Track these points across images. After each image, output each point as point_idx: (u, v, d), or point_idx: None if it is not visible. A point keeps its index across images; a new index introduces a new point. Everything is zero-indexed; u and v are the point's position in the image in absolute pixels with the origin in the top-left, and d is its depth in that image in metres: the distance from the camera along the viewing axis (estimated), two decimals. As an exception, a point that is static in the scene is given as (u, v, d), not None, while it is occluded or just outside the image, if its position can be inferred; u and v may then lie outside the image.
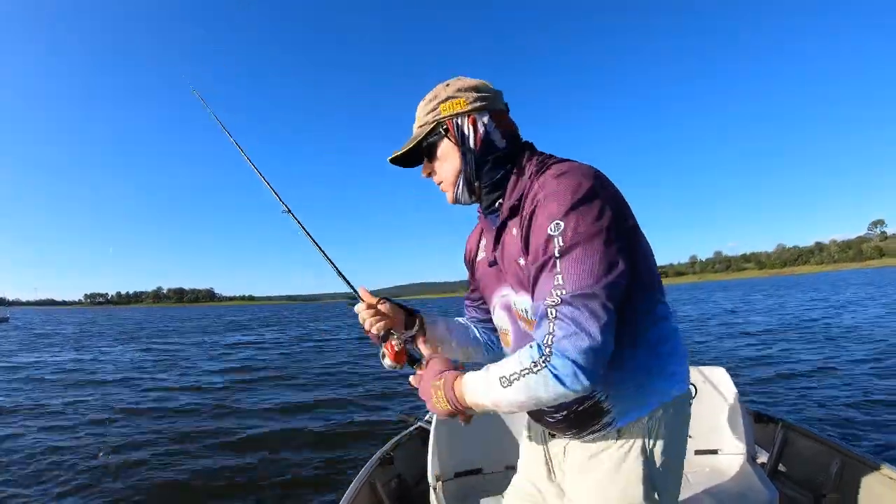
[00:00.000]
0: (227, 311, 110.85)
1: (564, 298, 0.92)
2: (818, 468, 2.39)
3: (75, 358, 15.42)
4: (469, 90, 1.15)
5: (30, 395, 9.06)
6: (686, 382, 1.16)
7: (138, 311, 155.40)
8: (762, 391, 6.72)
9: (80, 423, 6.87)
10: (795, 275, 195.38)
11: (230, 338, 22.94)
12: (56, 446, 5.80)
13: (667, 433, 1.10)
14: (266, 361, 13.76)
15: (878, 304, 21.19)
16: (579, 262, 0.93)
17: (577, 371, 0.90)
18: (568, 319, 0.91)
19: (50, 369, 12.70)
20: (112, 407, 7.92)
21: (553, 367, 0.91)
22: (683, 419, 1.16)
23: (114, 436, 6.24)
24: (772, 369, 8.23)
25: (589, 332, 0.90)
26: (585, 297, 0.91)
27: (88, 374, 11.75)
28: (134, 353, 16.87)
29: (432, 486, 2.21)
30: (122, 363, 13.90)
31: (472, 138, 1.14)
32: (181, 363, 13.66)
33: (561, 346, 0.91)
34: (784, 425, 2.72)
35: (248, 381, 10.54)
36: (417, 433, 3.06)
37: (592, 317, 0.91)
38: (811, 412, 5.57)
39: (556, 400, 0.94)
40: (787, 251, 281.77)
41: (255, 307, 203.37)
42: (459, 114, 1.14)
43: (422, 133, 1.17)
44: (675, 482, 1.16)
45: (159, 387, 9.72)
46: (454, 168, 1.17)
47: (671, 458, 1.13)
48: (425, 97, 1.20)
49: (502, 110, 1.19)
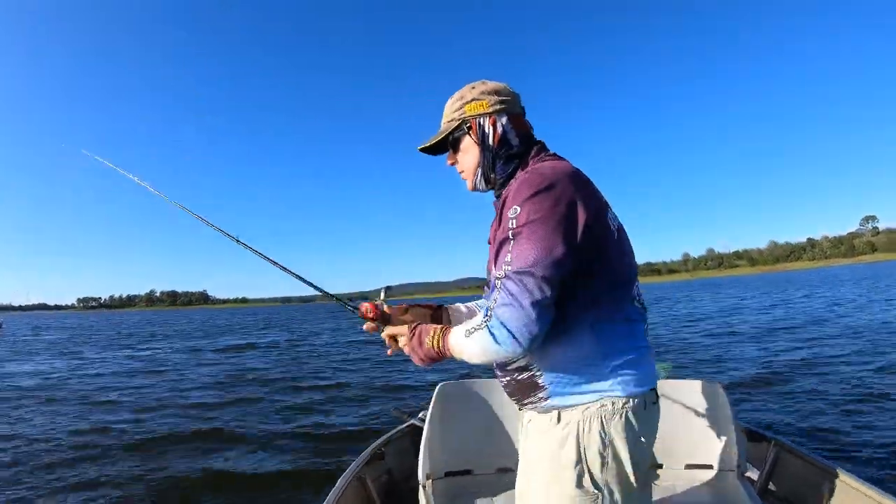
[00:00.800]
0: (220, 313, 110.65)
1: (508, 273, 1.11)
2: (808, 489, 2.39)
3: (56, 366, 15.09)
4: (491, 93, 1.34)
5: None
6: (636, 388, 1.19)
7: (131, 314, 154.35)
8: (757, 401, 6.66)
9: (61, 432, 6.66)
10: (787, 271, 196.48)
11: (221, 341, 22.71)
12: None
13: (606, 430, 1.17)
14: (258, 363, 13.72)
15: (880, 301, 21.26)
16: (524, 244, 1.10)
17: (507, 334, 1.09)
18: (506, 291, 1.10)
19: (30, 379, 12.45)
20: (90, 417, 7.74)
21: (490, 327, 1.12)
22: (631, 424, 1.18)
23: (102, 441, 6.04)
24: (768, 376, 8.21)
25: (521, 304, 1.08)
26: (522, 274, 1.09)
27: (63, 382, 11.51)
28: (122, 359, 16.61)
29: (422, 484, 2.21)
30: (107, 370, 13.64)
31: (491, 136, 1.33)
32: (169, 367, 13.41)
33: (497, 312, 1.11)
34: (776, 444, 2.71)
35: (238, 382, 10.56)
36: (410, 430, 3.06)
37: (525, 290, 1.08)
38: (805, 424, 5.53)
39: (497, 354, 1.14)
40: (778, 248, 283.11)
41: (248, 309, 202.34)
42: (482, 114, 1.33)
43: (448, 128, 1.38)
44: (622, 485, 1.18)
45: (146, 391, 9.50)
46: (474, 161, 1.37)
47: (614, 458, 1.17)
48: (453, 96, 1.39)
49: (519, 113, 1.38)
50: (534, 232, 1.10)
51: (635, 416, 1.19)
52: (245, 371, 12.18)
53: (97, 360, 16.50)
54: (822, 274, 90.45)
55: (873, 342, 10.71)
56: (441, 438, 2.34)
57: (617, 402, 1.17)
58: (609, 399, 1.17)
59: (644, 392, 1.21)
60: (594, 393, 1.18)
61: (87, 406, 8.49)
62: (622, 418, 1.17)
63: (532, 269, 1.09)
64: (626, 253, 1.25)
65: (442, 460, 2.33)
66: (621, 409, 1.17)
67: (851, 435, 5.00)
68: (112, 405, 8.50)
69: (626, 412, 1.18)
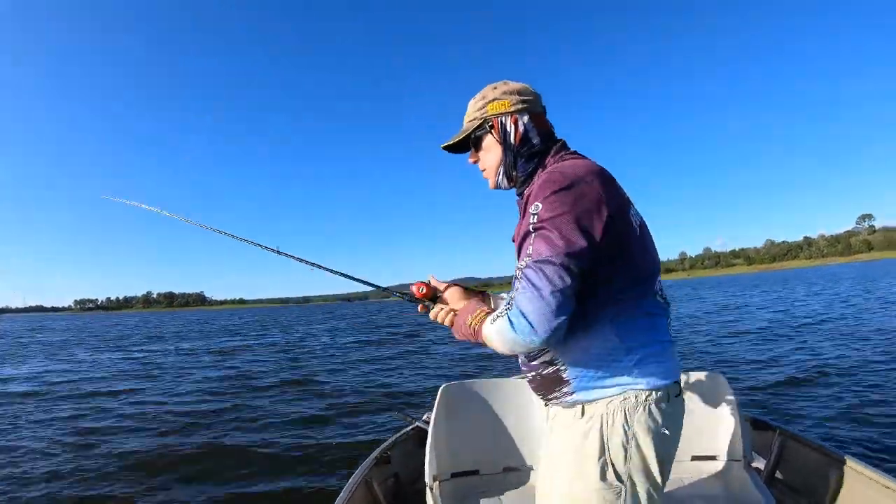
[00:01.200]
0: (218, 315, 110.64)
1: (528, 263, 1.13)
2: (815, 476, 2.39)
3: (46, 369, 14.63)
4: (513, 93, 1.36)
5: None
6: (662, 381, 1.21)
7: (128, 316, 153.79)
8: (760, 395, 6.59)
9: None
10: (784, 270, 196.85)
11: (219, 343, 22.27)
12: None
13: (629, 422, 1.19)
14: (258, 365, 13.45)
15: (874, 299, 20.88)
16: (544, 236, 1.13)
17: (527, 323, 1.10)
18: (526, 280, 1.13)
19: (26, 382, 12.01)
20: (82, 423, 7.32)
21: (510, 315, 1.14)
22: (654, 417, 1.20)
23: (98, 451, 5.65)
24: (771, 371, 8.06)
25: (540, 293, 1.09)
26: (542, 263, 1.11)
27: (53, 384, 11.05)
28: (118, 361, 16.14)
29: (429, 486, 2.20)
30: (99, 371, 13.18)
31: (512, 135, 1.35)
32: (166, 371, 13.02)
33: (517, 300, 1.13)
34: (781, 432, 2.71)
35: (239, 384, 10.32)
36: (415, 433, 3.05)
37: (545, 278, 1.10)
38: (811, 417, 5.47)
39: (514, 342, 1.15)
40: (775, 246, 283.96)
41: (246, 310, 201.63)
42: (504, 113, 1.35)
43: (471, 127, 1.39)
44: (646, 478, 1.20)
45: (143, 397, 9.11)
46: (496, 159, 1.39)
47: (637, 450, 1.19)
48: (476, 96, 1.41)
49: (540, 112, 1.39)
50: (555, 226, 1.12)
51: (658, 408, 1.20)
52: (245, 374, 11.94)
53: (88, 361, 16.07)
54: (821, 272, 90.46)
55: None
56: (446, 440, 2.33)
57: (640, 394, 1.19)
58: (632, 392, 1.20)
59: (667, 385, 1.22)
60: (617, 386, 1.20)
61: (72, 415, 8.06)
62: (645, 411, 1.19)
63: (552, 258, 1.10)
64: (647, 249, 1.27)
65: (448, 461, 2.32)
66: (644, 401, 1.19)
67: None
68: (99, 413, 8.07)
69: (650, 405, 1.19)
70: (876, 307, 17.48)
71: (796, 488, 2.52)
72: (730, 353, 10.12)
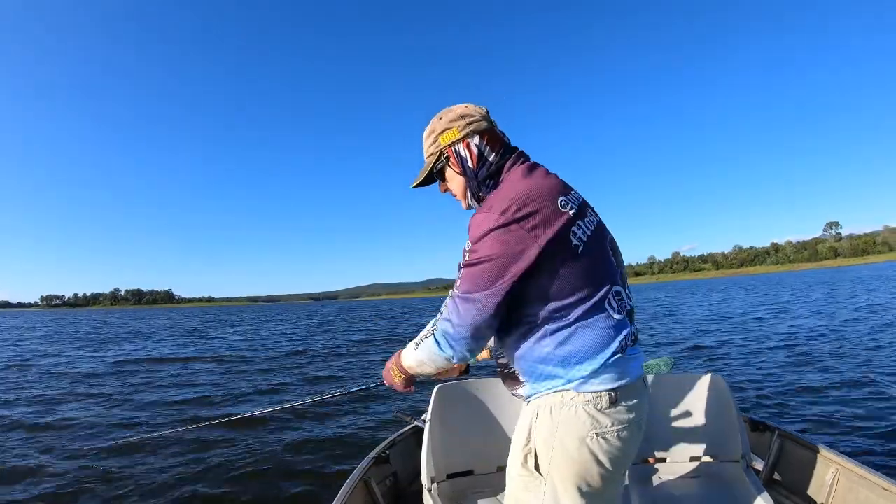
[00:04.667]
0: (188, 312, 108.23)
1: (455, 295, 1.27)
2: (813, 477, 2.41)
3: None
4: (458, 119, 1.41)
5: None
6: (594, 386, 1.23)
7: (95, 313, 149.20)
8: (760, 395, 6.55)
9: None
10: (751, 275, 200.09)
11: (198, 343, 20.48)
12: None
13: (554, 421, 1.24)
14: (250, 366, 12.86)
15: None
16: (471, 274, 1.24)
17: (448, 343, 1.29)
18: (451, 308, 1.28)
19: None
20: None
21: (435, 335, 1.33)
22: (580, 418, 1.22)
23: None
24: (770, 372, 8.01)
25: (462, 323, 1.25)
26: (466, 299, 1.24)
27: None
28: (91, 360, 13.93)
29: (427, 487, 2.19)
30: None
31: (468, 159, 1.40)
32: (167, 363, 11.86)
33: (443, 325, 1.31)
34: (780, 434, 2.69)
35: (231, 377, 10.29)
36: (413, 432, 3.03)
37: (466, 311, 1.24)
38: (810, 418, 5.43)
39: (440, 358, 1.33)
40: (743, 252, 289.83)
41: (215, 309, 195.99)
42: (455, 141, 1.40)
43: (430, 162, 1.46)
44: (573, 478, 1.23)
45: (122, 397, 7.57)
46: (461, 184, 1.44)
47: (562, 448, 1.23)
48: (425, 130, 1.48)
49: (489, 128, 1.42)
50: (481, 269, 1.22)
51: (590, 411, 1.22)
52: (239, 373, 11.68)
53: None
54: (791, 277, 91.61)
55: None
56: (442, 440, 2.32)
57: (567, 394, 1.24)
58: (561, 392, 1.25)
59: (603, 390, 1.23)
60: (546, 387, 1.27)
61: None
62: (572, 410, 1.23)
63: (474, 296, 1.23)
64: (596, 262, 1.28)
65: (444, 462, 2.31)
66: (571, 401, 1.23)
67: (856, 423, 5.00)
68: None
69: (578, 405, 1.22)
70: (868, 312, 17.14)
71: (795, 489, 2.50)
72: (729, 354, 10.13)
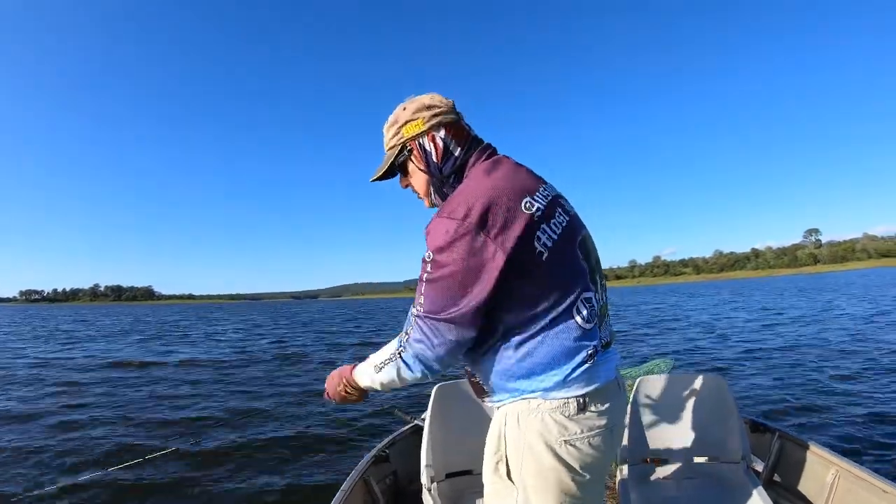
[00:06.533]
0: (168, 309, 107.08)
1: (419, 313, 1.20)
2: (813, 478, 2.40)
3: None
4: (423, 109, 1.32)
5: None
6: (562, 391, 1.18)
7: (72, 309, 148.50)
8: (759, 396, 6.58)
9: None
10: (732, 279, 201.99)
11: (189, 341, 19.91)
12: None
13: (521, 428, 1.21)
14: (245, 365, 12.60)
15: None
16: (432, 291, 1.17)
17: (423, 364, 1.23)
18: (419, 329, 1.21)
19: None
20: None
21: (404, 358, 1.25)
22: (547, 424, 1.19)
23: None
24: (769, 373, 8.04)
25: (431, 344, 1.19)
26: (430, 318, 1.18)
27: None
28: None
29: (426, 487, 2.20)
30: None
31: (433, 153, 1.32)
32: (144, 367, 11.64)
33: (413, 346, 1.22)
34: (780, 435, 2.68)
35: (234, 378, 10.33)
36: (413, 432, 3.03)
37: (436, 333, 1.18)
38: (809, 419, 5.48)
39: (409, 379, 1.28)
40: (724, 256, 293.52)
41: (196, 306, 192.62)
42: (419, 134, 1.32)
43: (391, 155, 1.37)
44: (545, 486, 1.20)
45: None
46: (424, 179, 1.37)
47: (531, 456, 1.20)
48: (388, 120, 1.38)
49: (455, 120, 1.34)
50: (446, 282, 1.15)
51: (557, 418, 1.18)
52: (242, 364, 11.79)
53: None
54: (771, 282, 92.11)
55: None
56: (441, 440, 2.34)
57: (533, 401, 1.20)
58: (527, 398, 1.21)
59: (571, 397, 1.19)
60: (510, 395, 1.24)
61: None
62: (539, 417, 1.19)
63: (445, 317, 1.16)
64: (564, 267, 1.21)
65: (443, 462, 2.32)
66: (537, 409, 1.19)
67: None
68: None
69: (544, 412, 1.19)
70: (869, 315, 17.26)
71: (794, 491, 2.50)
72: (729, 355, 10.09)
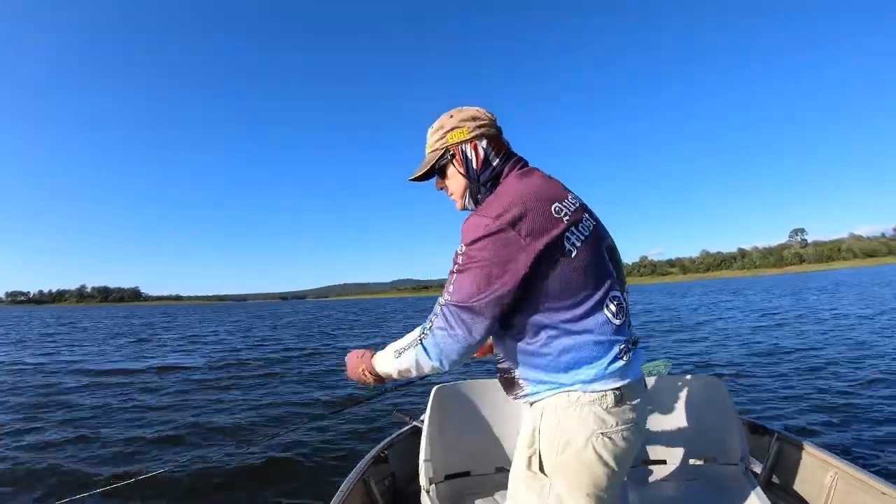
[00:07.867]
0: (155, 310, 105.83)
1: (447, 302, 1.26)
2: (812, 480, 2.41)
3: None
4: (469, 120, 1.43)
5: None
6: (597, 385, 1.24)
7: (57, 310, 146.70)
8: (758, 398, 6.48)
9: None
10: (718, 279, 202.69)
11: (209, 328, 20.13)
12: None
13: (559, 422, 1.26)
14: (242, 366, 12.45)
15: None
16: (463, 280, 1.24)
17: (442, 352, 1.28)
18: (443, 318, 1.26)
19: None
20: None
21: (425, 344, 1.30)
22: (585, 417, 1.23)
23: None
24: (769, 375, 7.96)
25: (456, 333, 1.25)
26: (461, 308, 1.23)
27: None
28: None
29: (425, 488, 2.20)
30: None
31: (474, 161, 1.42)
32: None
33: (436, 334, 1.28)
34: (779, 437, 2.68)
35: (232, 376, 10.43)
36: (412, 433, 3.02)
37: (460, 322, 1.24)
38: (809, 420, 5.37)
39: (427, 367, 1.32)
40: (710, 256, 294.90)
41: (183, 308, 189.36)
42: (463, 141, 1.42)
43: (433, 158, 1.46)
44: (573, 478, 1.24)
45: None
46: (461, 184, 1.46)
47: (564, 448, 1.25)
48: (433, 125, 1.48)
49: (496, 134, 1.45)
50: (473, 274, 1.22)
51: (596, 410, 1.23)
52: (239, 364, 11.94)
53: None
54: (759, 282, 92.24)
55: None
56: (440, 441, 2.33)
57: (573, 394, 1.25)
58: (567, 391, 1.25)
59: (608, 389, 1.24)
60: (548, 388, 1.28)
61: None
62: (578, 410, 1.24)
63: (469, 305, 1.22)
64: (593, 265, 1.28)
65: (442, 463, 2.31)
66: (576, 401, 1.24)
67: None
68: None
69: (584, 405, 1.23)
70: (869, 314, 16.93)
71: (793, 492, 2.51)
72: (728, 356, 10.05)
